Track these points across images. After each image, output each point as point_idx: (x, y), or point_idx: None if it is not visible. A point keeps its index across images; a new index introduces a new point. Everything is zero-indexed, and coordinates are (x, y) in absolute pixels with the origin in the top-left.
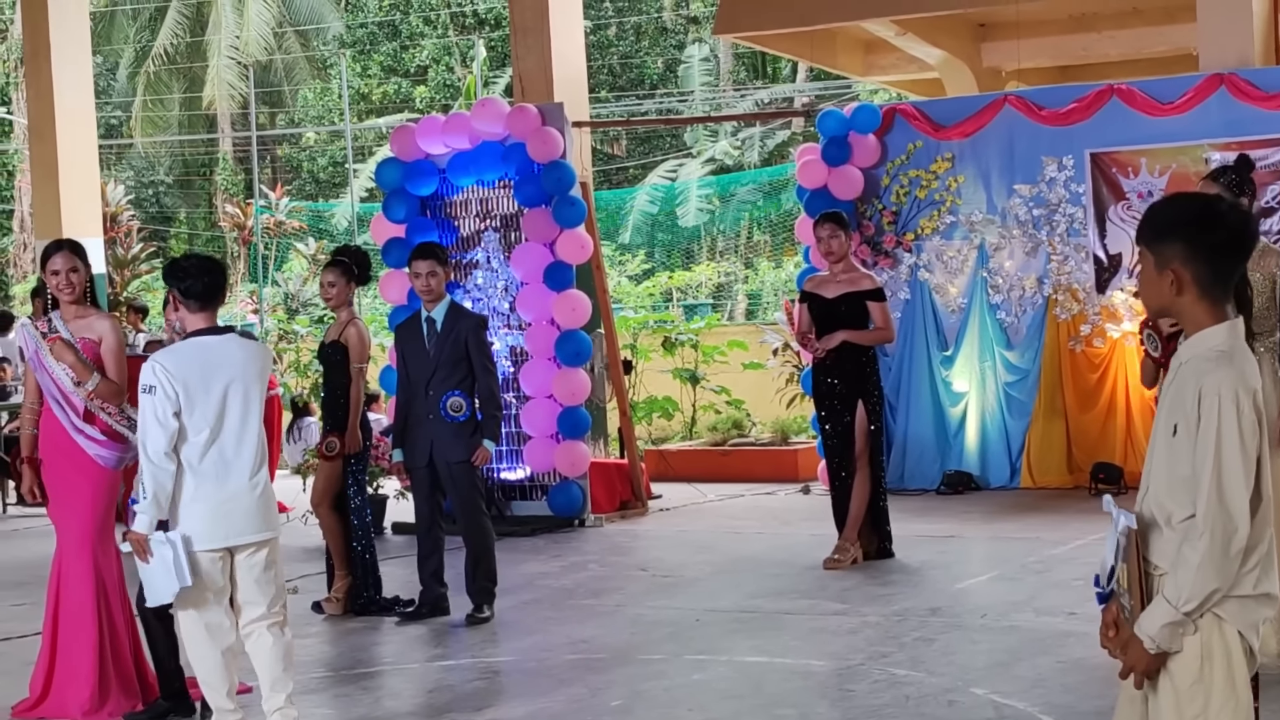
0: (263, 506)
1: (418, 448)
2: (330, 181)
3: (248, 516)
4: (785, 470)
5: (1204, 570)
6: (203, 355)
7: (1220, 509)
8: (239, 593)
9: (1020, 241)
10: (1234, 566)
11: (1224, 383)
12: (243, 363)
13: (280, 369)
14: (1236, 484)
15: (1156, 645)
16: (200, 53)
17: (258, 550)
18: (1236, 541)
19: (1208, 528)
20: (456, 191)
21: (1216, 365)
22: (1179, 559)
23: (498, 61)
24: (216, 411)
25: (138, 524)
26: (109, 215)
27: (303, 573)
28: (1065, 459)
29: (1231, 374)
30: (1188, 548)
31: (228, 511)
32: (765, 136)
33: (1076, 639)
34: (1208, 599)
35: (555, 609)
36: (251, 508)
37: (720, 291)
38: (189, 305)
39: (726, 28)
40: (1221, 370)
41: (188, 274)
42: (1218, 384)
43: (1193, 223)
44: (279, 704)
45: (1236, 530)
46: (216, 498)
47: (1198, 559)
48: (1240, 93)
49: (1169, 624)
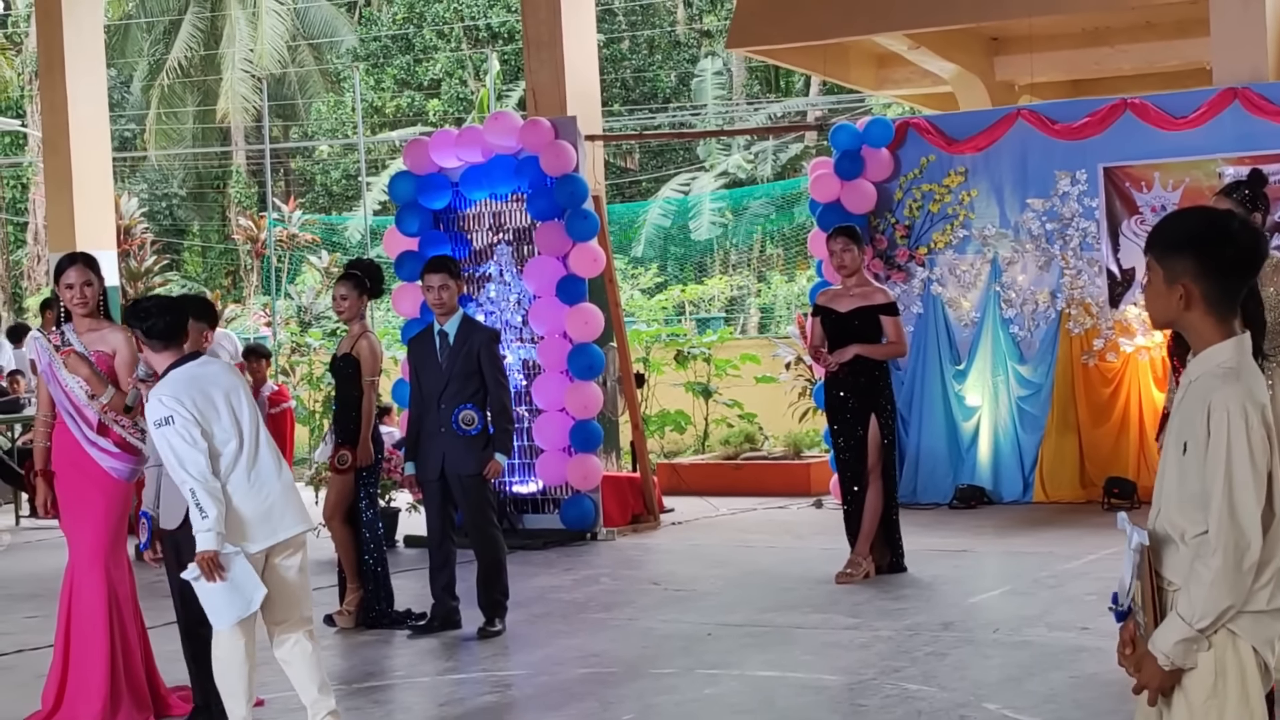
0: (295, 501)
1: (429, 461)
2: (343, 194)
3: (284, 513)
4: (797, 484)
5: (1217, 587)
6: (191, 376)
7: (1232, 525)
8: (276, 600)
9: (1033, 256)
10: (1247, 582)
11: (1232, 399)
12: (225, 372)
13: (293, 382)
14: (1248, 500)
15: (1171, 662)
16: (214, 66)
17: (294, 552)
18: (1249, 557)
19: (1220, 544)
20: (469, 205)
21: (1224, 381)
22: (1192, 575)
23: (511, 75)
24: (231, 421)
25: (206, 543)
26: (122, 228)
27: (315, 585)
28: (1078, 473)
29: (1239, 390)
30: (1200, 564)
31: (267, 511)
32: (778, 150)
33: (1089, 654)
34: (1221, 615)
35: (567, 622)
36: (287, 504)
37: (733, 305)
38: (153, 345)
39: (740, 41)
40: (1229, 386)
41: (149, 314)
42: (1226, 400)
43: (1204, 238)
44: (330, 705)
45: (1249, 546)
46: (255, 501)
47: (1211, 575)
48: (1254, 107)
49: (1183, 640)
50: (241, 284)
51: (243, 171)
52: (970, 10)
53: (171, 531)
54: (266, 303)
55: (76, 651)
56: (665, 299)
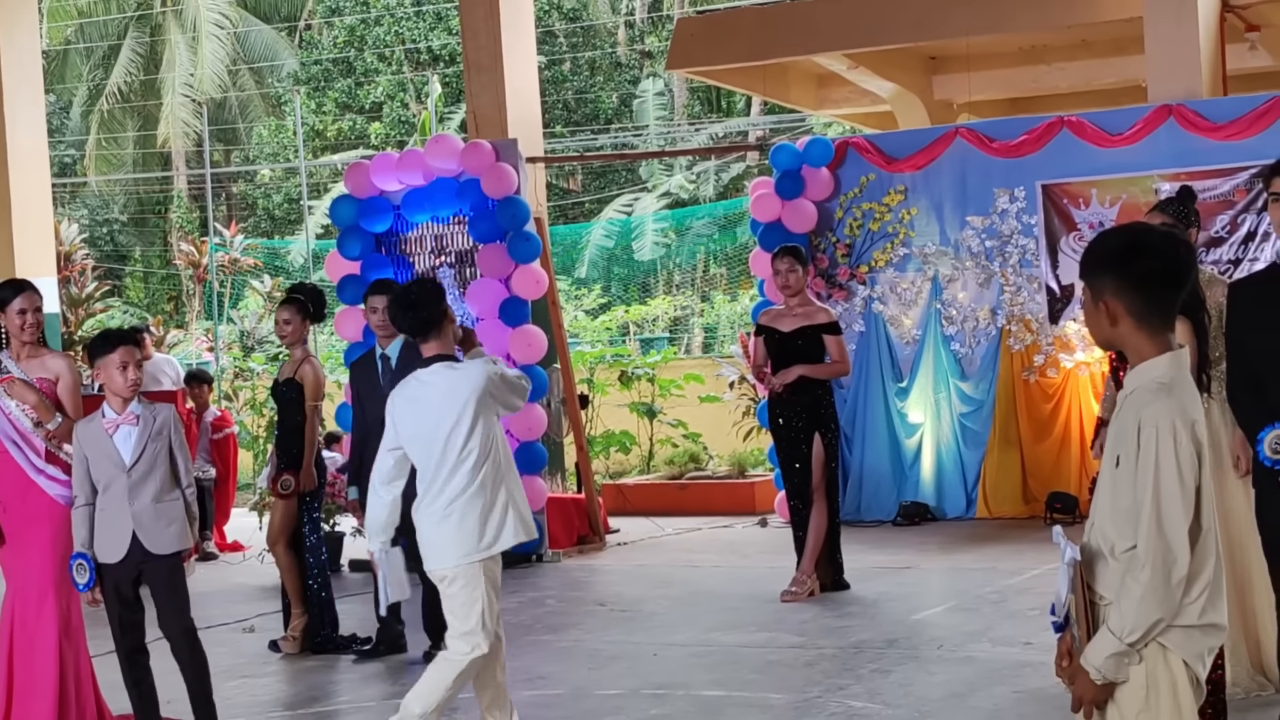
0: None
1: None
2: (285, 218)
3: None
4: (742, 503)
5: (1146, 601)
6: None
7: (1160, 540)
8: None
9: (973, 273)
10: (1176, 596)
11: (1162, 415)
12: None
13: (237, 407)
14: (1175, 515)
15: (1102, 675)
16: (154, 90)
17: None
18: (1177, 572)
19: (1148, 559)
20: (411, 228)
21: (1155, 397)
22: (1122, 590)
23: (453, 97)
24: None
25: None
26: (62, 254)
27: (259, 611)
28: (1020, 489)
29: (1170, 405)
30: (1130, 579)
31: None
32: (720, 170)
33: (1032, 669)
34: (1151, 629)
35: (512, 644)
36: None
37: (677, 325)
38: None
39: (679, 63)
40: (1160, 402)
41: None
42: (1155, 416)
43: (1119, 254)
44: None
45: (1176, 560)
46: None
47: (1140, 590)
48: (1189, 124)
49: (1114, 655)
50: (184, 309)
51: (184, 196)
52: (908, 30)
53: (113, 565)
54: (209, 328)
55: (22, 681)
56: (609, 320)
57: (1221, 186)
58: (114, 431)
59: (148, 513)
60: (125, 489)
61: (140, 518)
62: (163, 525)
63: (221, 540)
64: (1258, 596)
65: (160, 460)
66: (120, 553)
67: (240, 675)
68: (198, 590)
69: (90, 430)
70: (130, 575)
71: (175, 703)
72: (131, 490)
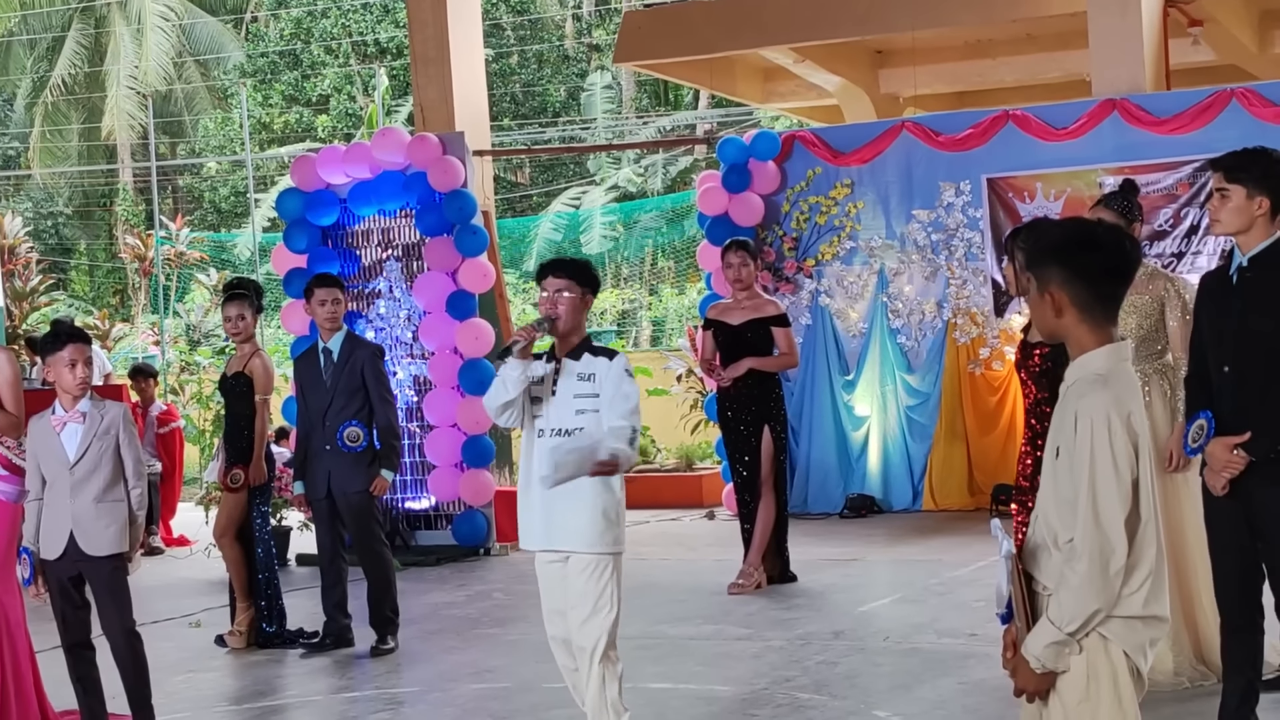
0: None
1: (316, 479)
2: (232, 212)
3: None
4: (690, 496)
5: (1084, 591)
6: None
7: (1096, 531)
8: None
9: (919, 266)
10: (1114, 587)
11: (1097, 407)
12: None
13: (182, 401)
14: (1111, 506)
15: (1042, 665)
16: (99, 83)
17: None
18: (1115, 562)
19: (1085, 550)
20: (358, 221)
21: (1091, 389)
22: (1061, 580)
23: (400, 90)
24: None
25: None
26: (6, 248)
27: (205, 606)
28: (966, 481)
29: (1106, 398)
30: (1068, 569)
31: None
32: (668, 163)
33: (978, 660)
34: (1089, 619)
35: (460, 638)
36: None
37: (625, 318)
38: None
39: (627, 56)
40: (1096, 394)
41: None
42: (1091, 408)
43: (1068, 246)
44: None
45: (1114, 551)
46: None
47: (1077, 580)
48: (1132, 118)
49: (1053, 644)
50: (129, 303)
51: (129, 189)
52: (854, 24)
53: (53, 561)
54: (155, 321)
55: None
56: None
57: (1165, 180)
58: (61, 429)
59: (88, 512)
60: (69, 486)
61: (79, 517)
62: (102, 526)
63: (168, 535)
64: (1198, 584)
65: (106, 459)
66: (58, 550)
67: (187, 670)
68: (144, 585)
69: (39, 426)
70: (70, 573)
71: (120, 698)
72: (74, 488)
